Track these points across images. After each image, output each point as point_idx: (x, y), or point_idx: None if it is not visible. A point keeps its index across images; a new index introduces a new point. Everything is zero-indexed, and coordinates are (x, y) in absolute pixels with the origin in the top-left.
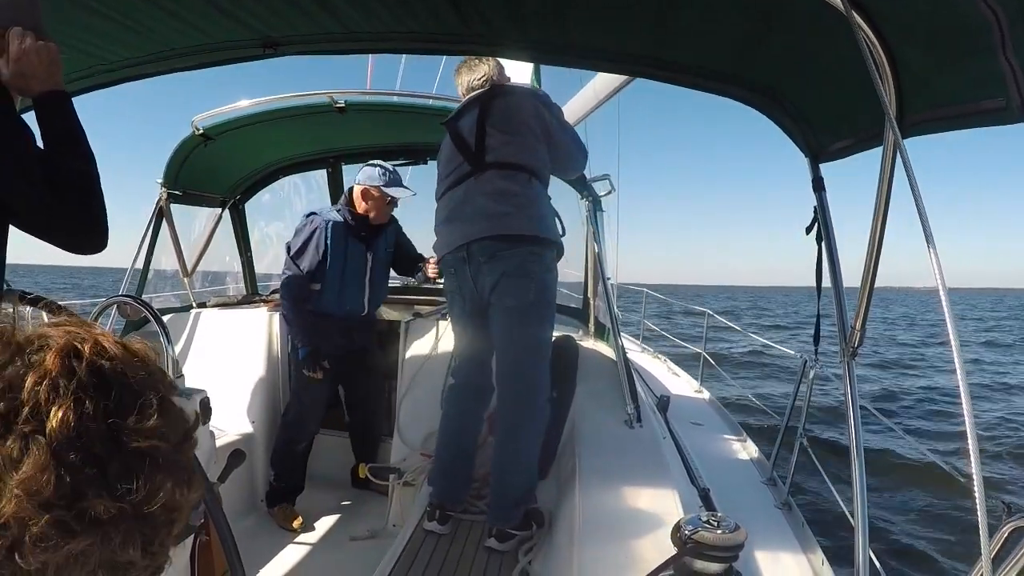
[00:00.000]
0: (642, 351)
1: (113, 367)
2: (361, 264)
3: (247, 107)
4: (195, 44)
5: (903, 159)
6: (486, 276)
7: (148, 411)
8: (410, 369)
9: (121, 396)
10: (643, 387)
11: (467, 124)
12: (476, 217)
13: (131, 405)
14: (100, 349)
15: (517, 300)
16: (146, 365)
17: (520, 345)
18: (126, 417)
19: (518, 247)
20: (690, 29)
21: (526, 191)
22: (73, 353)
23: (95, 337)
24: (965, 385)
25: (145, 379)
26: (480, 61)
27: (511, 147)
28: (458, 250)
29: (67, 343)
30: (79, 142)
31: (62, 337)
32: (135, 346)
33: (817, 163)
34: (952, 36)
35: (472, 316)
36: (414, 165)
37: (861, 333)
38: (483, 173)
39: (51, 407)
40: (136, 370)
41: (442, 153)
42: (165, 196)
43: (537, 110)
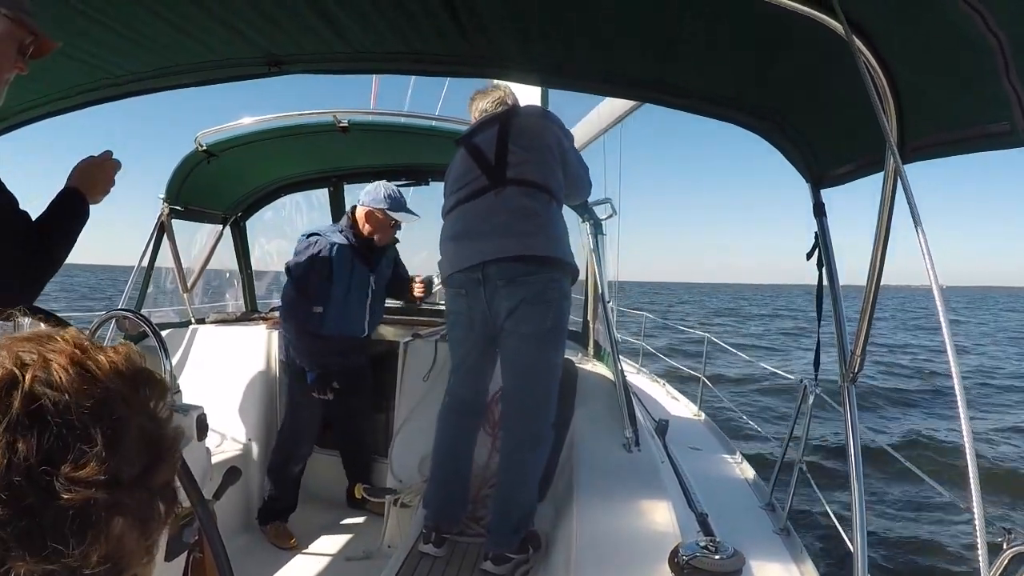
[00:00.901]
0: (638, 372)
1: (57, 398)
2: (364, 287)
3: (250, 124)
4: (200, 60)
5: (904, 185)
6: (503, 300)
7: (87, 455)
8: (409, 390)
9: (59, 436)
10: (642, 411)
11: (486, 139)
12: (496, 234)
13: (68, 447)
14: (45, 377)
15: (534, 327)
16: (103, 387)
17: (532, 371)
18: (60, 463)
19: (540, 272)
20: (695, 55)
21: (547, 211)
22: (8, 385)
23: (44, 360)
24: (966, 418)
25: (92, 410)
26: (493, 87)
27: (531, 166)
28: (472, 270)
29: (5, 373)
30: (73, 232)
31: (7, 359)
32: (101, 360)
33: (818, 188)
34: (954, 61)
35: (480, 339)
36: (416, 186)
37: (861, 358)
38: (503, 189)
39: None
40: (85, 399)
41: (453, 169)
42: (167, 211)
43: (555, 132)
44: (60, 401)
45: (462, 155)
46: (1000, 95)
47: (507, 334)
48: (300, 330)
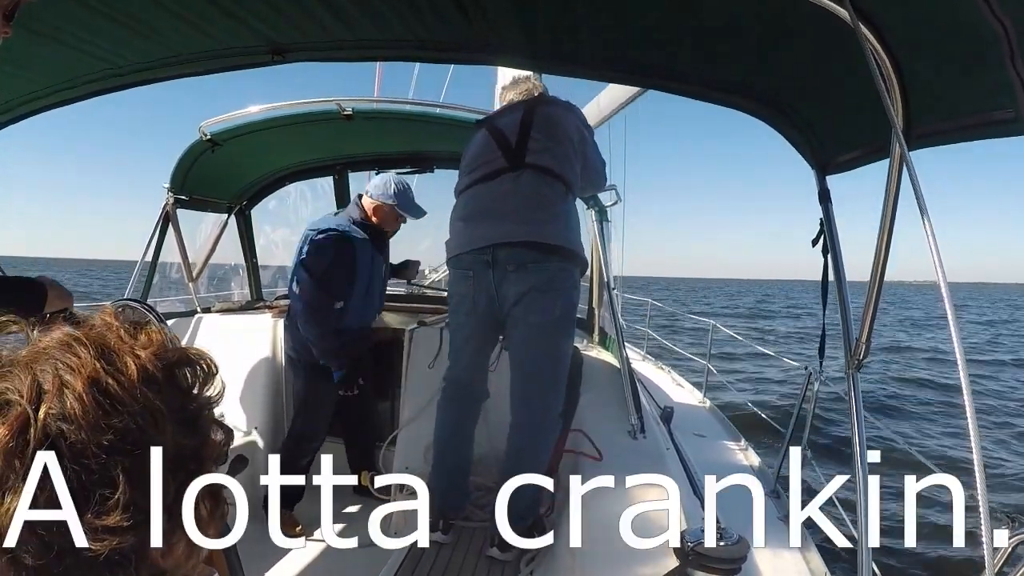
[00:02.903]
0: (644, 360)
1: (73, 440)
2: (380, 278)
3: (254, 113)
4: (203, 50)
5: (909, 171)
6: (512, 286)
7: (108, 502)
8: (414, 377)
9: (78, 482)
10: (647, 398)
11: (509, 123)
12: (509, 218)
13: (89, 495)
14: (59, 411)
15: (543, 316)
16: (126, 411)
17: (541, 360)
18: (83, 513)
19: (549, 260)
20: (700, 42)
21: (562, 201)
22: (23, 424)
23: (60, 385)
24: (972, 411)
25: (112, 445)
26: (524, 79)
27: (551, 155)
28: (481, 252)
29: (19, 414)
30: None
31: (25, 385)
32: (129, 367)
33: (824, 175)
34: (960, 48)
35: (483, 324)
36: (420, 173)
37: (866, 346)
38: (521, 173)
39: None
40: (103, 434)
41: (471, 149)
42: (171, 201)
43: (577, 126)
44: (76, 441)
45: (483, 135)
46: (1005, 82)
47: (515, 322)
48: (326, 331)
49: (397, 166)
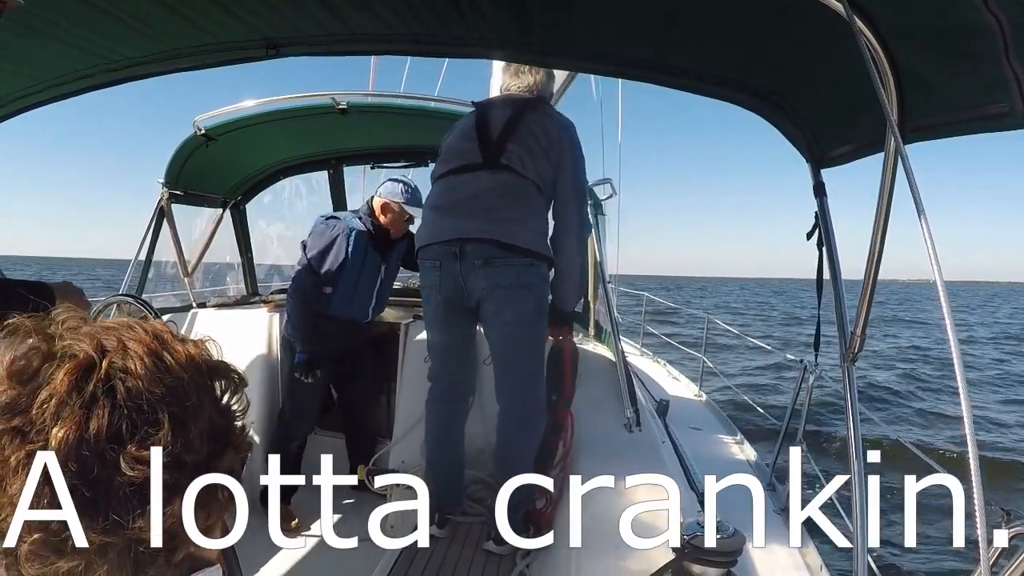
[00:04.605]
0: (641, 354)
1: (130, 383)
2: (374, 275)
3: (249, 108)
4: (197, 44)
5: (904, 165)
6: (479, 279)
7: (152, 437)
8: (410, 372)
9: (128, 418)
10: (642, 391)
11: (496, 117)
12: (480, 215)
13: (136, 428)
14: (121, 364)
15: (516, 314)
16: (175, 376)
17: (518, 355)
18: (127, 443)
19: (515, 258)
20: (694, 34)
21: (535, 205)
22: (87, 368)
23: (123, 347)
24: (967, 401)
25: (162, 397)
26: (528, 71)
27: (528, 160)
28: (449, 244)
29: (85, 357)
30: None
31: (89, 345)
32: (178, 350)
33: (818, 168)
34: (954, 42)
35: (453, 314)
36: (415, 167)
37: (861, 339)
38: (496, 172)
39: (55, 426)
40: (156, 386)
41: (455, 132)
42: (166, 196)
43: (568, 145)
44: (133, 387)
45: (468, 122)
46: (1000, 77)
47: (488, 321)
48: (304, 309)
49: (392, 160)
